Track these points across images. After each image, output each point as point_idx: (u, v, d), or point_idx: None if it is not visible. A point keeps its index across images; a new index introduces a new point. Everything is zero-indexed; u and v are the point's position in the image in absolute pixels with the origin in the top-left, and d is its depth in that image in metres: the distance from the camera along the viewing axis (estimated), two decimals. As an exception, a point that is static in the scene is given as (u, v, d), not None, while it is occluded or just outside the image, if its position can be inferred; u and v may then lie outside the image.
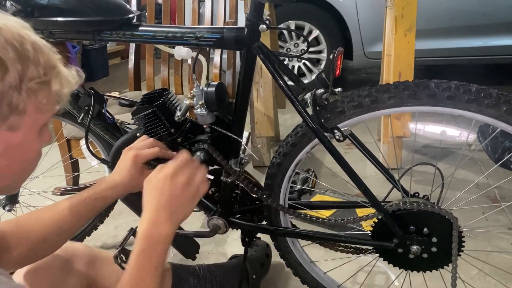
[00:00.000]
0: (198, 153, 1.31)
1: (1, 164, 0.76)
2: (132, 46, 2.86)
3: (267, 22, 1.24)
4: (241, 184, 1.40)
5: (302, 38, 4.13)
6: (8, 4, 1.19)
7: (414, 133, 1.49)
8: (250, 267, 1.64)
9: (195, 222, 2.23)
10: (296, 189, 1.63)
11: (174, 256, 1.98)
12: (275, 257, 1.77)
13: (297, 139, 1.32)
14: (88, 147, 1.38)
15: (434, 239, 1.27)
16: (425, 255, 1.30)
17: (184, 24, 2.96)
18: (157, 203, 0.98)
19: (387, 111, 1.23)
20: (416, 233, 1.28)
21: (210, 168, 1.38)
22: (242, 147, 1.37)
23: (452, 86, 1.15)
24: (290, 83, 1.30)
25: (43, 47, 0.78)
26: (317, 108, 1.25)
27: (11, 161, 0.78)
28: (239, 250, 1.67)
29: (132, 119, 1.33)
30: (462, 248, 1.28)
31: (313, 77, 4.07)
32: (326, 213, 2.06)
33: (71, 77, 0.82)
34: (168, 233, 0.95)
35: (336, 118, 1.25)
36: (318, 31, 4.03)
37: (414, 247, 1.29)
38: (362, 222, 1.39)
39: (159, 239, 0.94)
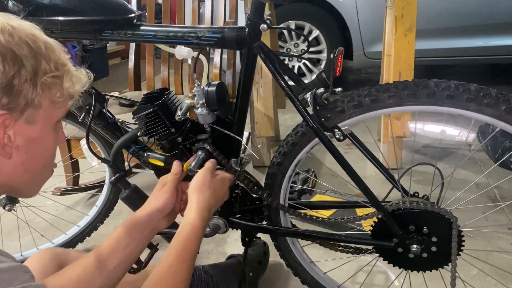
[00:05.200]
0: (199, 153, 1.31)
1: (21, 158, 0.81)
2: (132, 46, 2.86)
3: (268, 22, 1.25)
4: (241, 184, 1.40)
5: (302, 38, 4.13)
6: (10, 3, 1.19)
7: (413, 132, 1.49)
8: (247, 265, 1.64)
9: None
10: (296, 189, 1.63)
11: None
12: (275, 257, 1.77)
13: (297, 138, 1.32)
14: (89, 147, 1.38)
15: (434, 239, 1.28)
16: (425, 255, 1.30)
17: (184, 24, 2.96)
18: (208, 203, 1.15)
19: (387, 111, 1.23)
20: (416, 232, 1.29)
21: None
22: (243, 146, 1.37)
23: (452, 86, 1.15)
24: (290, 82, 1.30)
25: (54, 46, 0.83)
26: (318, 107, 1.25)
27: (30, 155, 0.82)
28: (239, 250, 1.67)
29: (133, 118, 1.34)
30: (461, 248, 1.28)
31: (313, 77, 4.07)
32: (326, 213, 2.07)
33: (81, 75, 0.87)
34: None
35: (336, 118, 1.25)
36: (318, 31, 4.03)
37: (414, 247, 1.29)
38: (362, 222, 1.39)
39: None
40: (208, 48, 2.45)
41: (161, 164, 1.39)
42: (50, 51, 0.82)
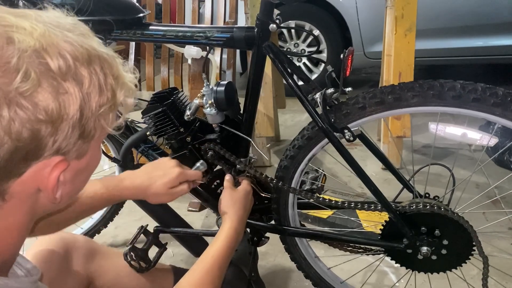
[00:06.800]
0: (197, 165, 1.31)
1: (67, 190, 0.69)
2: (132, 46, 2.85)
3: (277, 21, 1.25)
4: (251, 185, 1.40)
5: (302, 38, 4.15)
6: (20, 3, 1.18)
7: (434, 133, 1.49)
8: (243, 265, 1.60)
9: (196, 221, 2.23)
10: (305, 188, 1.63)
11: (175, 256, 1.98)
12: (274, 257, 1.77)
13: (304, 141, 1.31)
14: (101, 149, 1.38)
15: (445, 241, 1.27)
16: (434, 257, 1.30)
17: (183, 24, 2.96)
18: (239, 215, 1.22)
19: (387, 114, 1.23)
20: (427, 234, 1.28)
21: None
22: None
23: (478, 89, 1.13)
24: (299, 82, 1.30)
25: (109, 59, 0.70)
26: (327, 108, 1.25)
27: (76, 185, 0.73)
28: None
29: (142, 118, 1.33)
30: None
31: (313, 77, 4.08)
32: (325, 213, 2.06)
33: (132, 84, 0.73)
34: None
35: (345, 118, 1.24)
36: (318, 31, 4.03)
37: (424, 249, 1.28)
38: (365, 220, 1.38)
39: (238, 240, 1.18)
40: (207, 47, 2.45)
41: None
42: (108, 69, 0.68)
